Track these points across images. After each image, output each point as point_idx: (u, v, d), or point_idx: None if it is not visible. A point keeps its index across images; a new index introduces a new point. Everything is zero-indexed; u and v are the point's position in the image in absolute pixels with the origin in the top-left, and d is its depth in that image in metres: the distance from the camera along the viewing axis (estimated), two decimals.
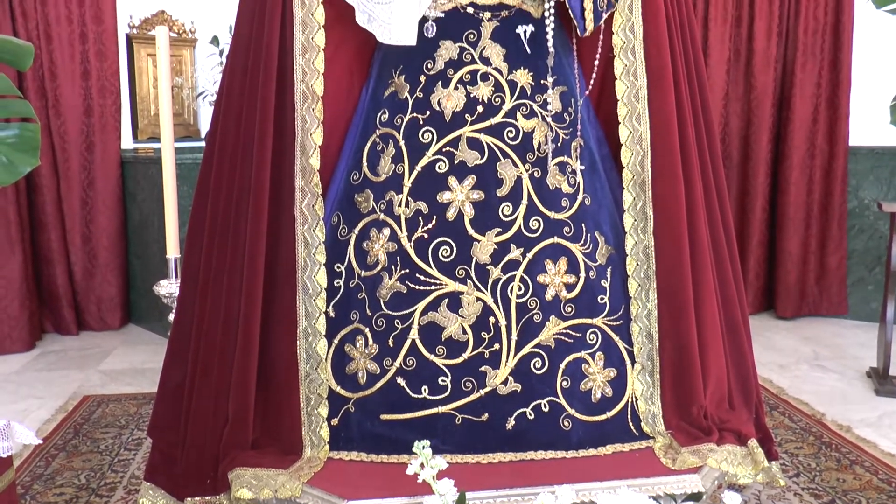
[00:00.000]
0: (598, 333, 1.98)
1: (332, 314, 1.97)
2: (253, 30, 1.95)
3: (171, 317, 2.32)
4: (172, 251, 2.63)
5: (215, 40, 4.30)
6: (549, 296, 1.93)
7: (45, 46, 4.07)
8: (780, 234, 4.46)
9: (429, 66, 1.95)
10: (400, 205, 1.92)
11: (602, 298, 2.00)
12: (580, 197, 1.99)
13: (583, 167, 2.00)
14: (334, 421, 1.91)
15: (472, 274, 1.89)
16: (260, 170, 1.90)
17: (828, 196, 4.39)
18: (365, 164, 1.99)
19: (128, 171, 4.36)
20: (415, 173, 1.92)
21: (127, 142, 4.44)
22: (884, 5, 1.77)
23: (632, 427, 1.96)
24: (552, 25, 1.93)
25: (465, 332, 1.89)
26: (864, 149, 4.33)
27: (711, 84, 4.43)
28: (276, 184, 1.93)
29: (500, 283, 1.90)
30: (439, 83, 1.93)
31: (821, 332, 4.30)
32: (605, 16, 1.96)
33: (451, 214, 1.90)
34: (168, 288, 2.61)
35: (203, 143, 4.26)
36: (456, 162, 1.91)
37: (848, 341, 4.13)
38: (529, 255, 1.91)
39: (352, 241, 1.98)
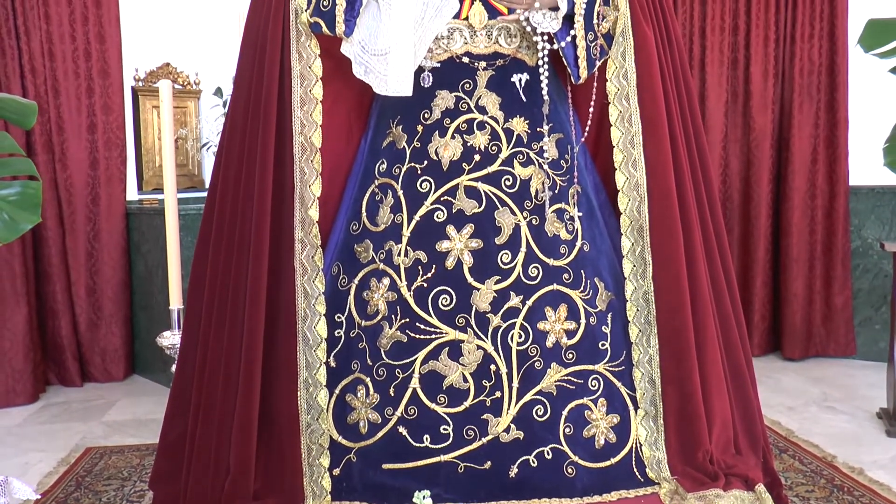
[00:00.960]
0: (600, 379, 1.98)
1: (332, 364, 1.97)
2: (252, 83, 1.99)
3: (174, 368, 2.33)
4: (175, 302, 2.64)
5: (219, 91, 4.37)
6: (549, 342, 1.93)
7: (53, 101, 4.14)
8: (785, 274, 4.45)
9: (426, 115, 1.98)
10: (399, 254, 1.93)
11: (603, 344, 2.00)
12: (579, 243, 2.00)
13: (580, 214, 2.01)
14: (336, 471, 1.90)
15: (472, 322, 1.90)
16: (260, 221, 1.92)
17: (830, 236, 4.39)
18: (364, 214, 2.01)
19: (133, 222, 4.39)
20: (413, 223, 1.93)
21: (132, 193, 4.48)
22: (872, 49, 1.79)
23: (637, 473, 1.94)
24: (547, 73, 1.96)
25: (466, 380, 1.88)
26: (864, 188, 4.34)
27: (710, 126, 4.46)
28: (275, 235, 1.95)
29: (501, 330, 1.90)
30: (436, 132, 1.96)
31: (829, 373, 4.26)
32: (598, 63, 1.99)
33: (450, 263, 1.91)
34: (171, 339, 2.61)
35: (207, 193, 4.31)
36: (454, 211, 1.92)
37: (857, 382, 4.09)
38: (529, 303, 1.92)
39: (352, 291, 1.99)
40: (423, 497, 1.46)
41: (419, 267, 1.92)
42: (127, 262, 4.42)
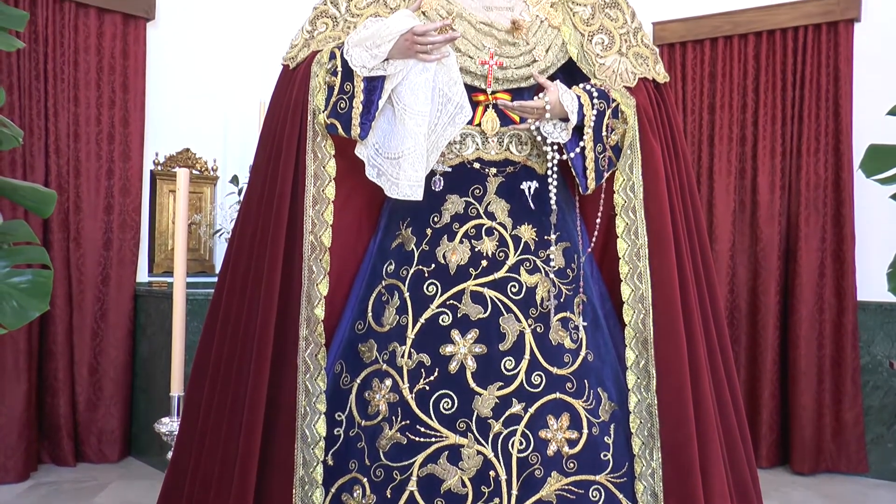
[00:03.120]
0: (602, 490, 1.94)
1: (330, 462, 1.94)
2: (267, 178, 2.04)
3: (171, 455, 2.30)
4: (176, 389, 2.63)
5: (235, 179, 4.46)
6: (550, 451, 1.90)
7: (73, 181, 4.23)
8: (793, 387, 4.39)
9: (435, 219, 2.01)
10: (403, 356, 1.93)
11: (605, 455, 1.96)
12: (583, 353, 1.99)
13: (585, 323, 2.01)
14: None
15: (473, 427, 1.87)
16: (265, 317, 1.93)
17: (839, 351, 4.35)
18: (370, 314, 2.02)
19: (140, 304, 4.41)
20: (418, 325, 1.94)
21: (142, 275, 4.52)
22: (873, 175, 1.83)
23: None
24: (555, 183, 2.00)
25: (464, 485, 1.85)
26: (872, 304, 4.33)
27: (718, 235, 4.50)
28: (280, 331, 1.96)
29: (502, 437, 1.88)
30: (445, 237, 1.99)
31: (842, 491, 4.14)
32: (606, 175, 2.03)
33: (453, 367, 1.90)
34: (169, 426, 2.59)
35: (217, 279, 4.34)
36: (459, 315, 1.93)
37: (870, 500, 3.98)
38: (531, 410, 1.90)
39: (353, 390, 1.98)
40: None
41: (422, 369, 1.91)
42: (131, 343, 4.42)
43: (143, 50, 4.48)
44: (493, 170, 2.04)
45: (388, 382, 1.93)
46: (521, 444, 1.88)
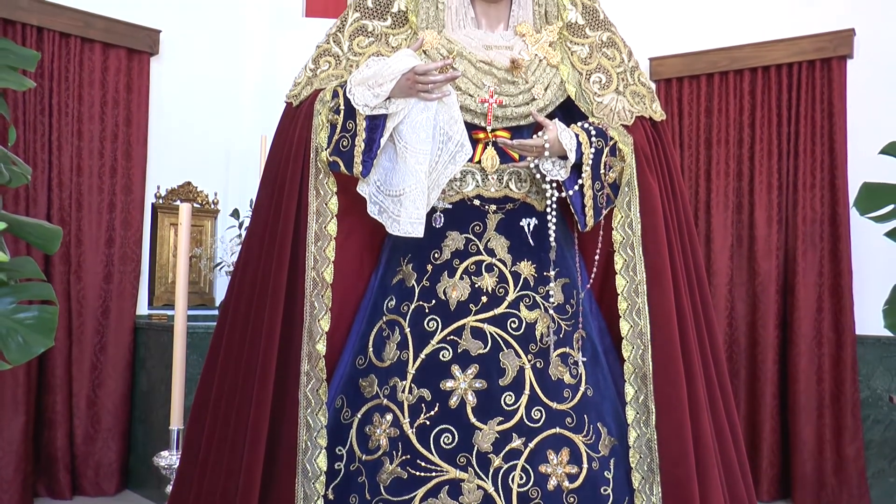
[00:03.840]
0: None
1: (331, 497, 1.94)
2: (270, 215, 2.06)
3: (169, 488, 2.29)
4: (176, 422, 2.63)
5: (236, 213, 4.49)
6: (550, 486, 1.90)
7: (76, 215, 4.25)
8: (793, 422, 4.38)
9: (436, 255, 2.03)
10: (403, 391, 1.94)
11: (605, 490, 1.97)
12: (582, 388, 2.00)
13: (585, 359, 2.03)
14: None
15: (474, 462, 1.88)
16: (267, 352, 1.95)
17: (839, 385, 4.34)
18: (371, 349, 2.03)
19: (140, 337, 4.41)
20: (419, 360, 1.95)
21: (142, 307, 4.53)
22: (867, 213, 1.85)
23: None
24: (554, 220, 2.03)
25: None
26: (871, 338, 4.33)
27: (716, 269, 4.52)
28: (282, 366, 1.97)
29: (502, 471, 1.88)
30: (445, 273, 2.01)
31: None
32: (604, 212, 2.05)
33: (453, 402, 1.91)
34: (168, 459, 2.58)
35: (217, 312, 4.35)
36: (459, 350, 1.94)
37: None
38: (531, 445, 1.90)
39: (354, 425, 1.98)
40: None
41: (423, 404, 1.92)
42: (130, 376, 4.41)
43: (146, 84, 4.53)
44: (493, 206, 2.07)
45: (389, 417, 1.93)
46: (521, 478, 1.88)
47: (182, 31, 4.68)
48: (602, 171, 2.01)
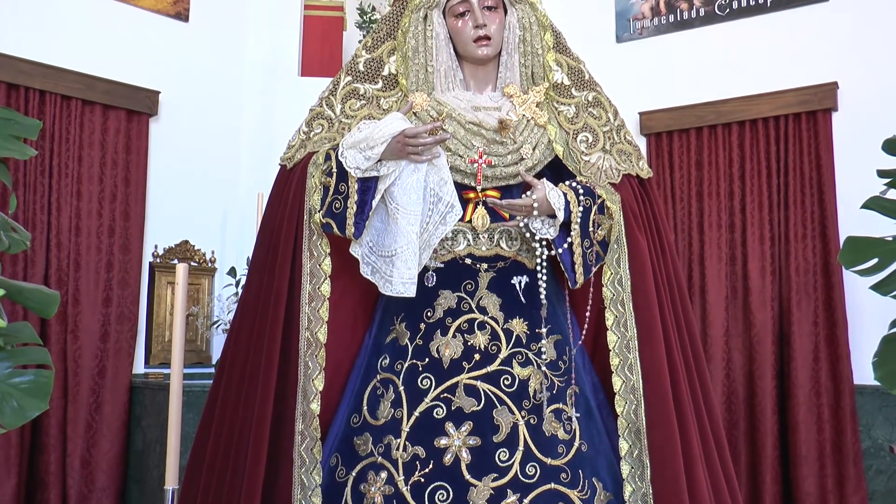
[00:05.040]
0: None
1: None
2: (264, 276, 2.09)
3: None
4: (171, 481, 2.62)
5: (232, 271, 4.51)
6: None
7: (73, 274, 4.27)
8: (795, 472, 4.34)
9: (428, 314, 2.06)
10: (398, 449, 1.94)
11: None
12: (577, 443, 2.00)
13: (578, 414, 2.03)
14: None
15: None
16: (262, 411, 1.96)
17: (839, 435, 4.31)
18: (365, 407, 2.04)
19: (136, 395, 4.39)
20: (413, 418, 1.96)
21: (138, 366, 4.52)
22: (852, 266, 1.88)
23: None
24: (545, 277, 2.05)
25: None
26: (869, 388, 4.31)
27: (711, 320, 4.53)
28: (276, 426, 1.98)
29: None
30: (438, 331, 2.02)
31: None
32: (594, 269, 2.08)
33: (448, 459, 1.91)
34: None
35: (213, 370, 4.34)
36: (453, 408, 1.95)
37: None
38: (526, 501, 1.90)
39: (349, 483, 1.98)
40: None
41: (417, 462, 1.92)
42: (125, 435, 4.38)
43: (145, 144, 4.60)
44: (485, 265, 2.10)
45: (384, 475, 1.93)
46: None
47: (180, 93, 4.78)
48: (591, 228, 2.05)
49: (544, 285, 2.04)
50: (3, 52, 4.03)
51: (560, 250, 2.03)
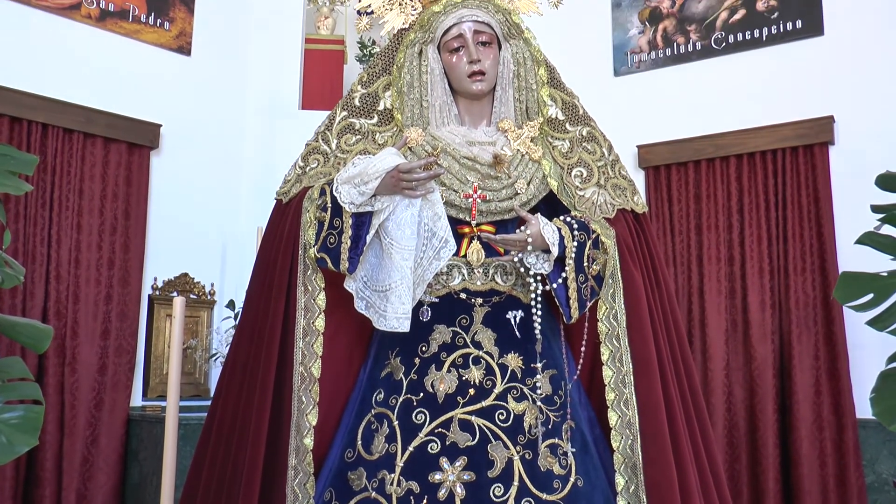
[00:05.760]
0: None
1: None
2: (259, 310, 2.09)
3: None
4: None
5: (231, 304, 4.51)
6: None
7: (72, 307, 4.26)
8: None
9: (423, 349, 2.05)
10: (392, 483, 1.92)
11: None
12: (572, 478, 1.98)
13: (574, 449, 2.02)
14: None
15: None
16: (255, 446, 1.95)
17: (842, 469, 4.27)
18: (359, 442, 2.03)
19: (132, 428, 4.37)
20: (407, 453, 1.94)
21: (136, 399, 4.50)
22: (847, 302, 1.88)
23: None
24: (539, 312, 2.05)
25: None
26: (872, 422, 4.27)
27: (712, 353, 4.51)
28: (269, 460, 1.97)
29: None
30: (433, 366, 2.02)
31: None
32: (589, 304, 2.07)
33: (442, 494, 1.89)
34: None
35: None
36: (448, 443, 1.94)
37: None
38: None
39: None
40: None
41: (411, 497, 1.91)
42: (122, 468, 4.35)
43: (146, 177, 4.62)
44: (480, 300, 2.09)
45: None
46: None
47: (182, 126, 4.82)
48: (585, 263, 2.04)
49: (539, 320, 2.04)
50: (7, 86, 4.08)
51: (555, 285, 2.03)
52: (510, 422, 1.97)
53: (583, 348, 2.07)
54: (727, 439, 4.52)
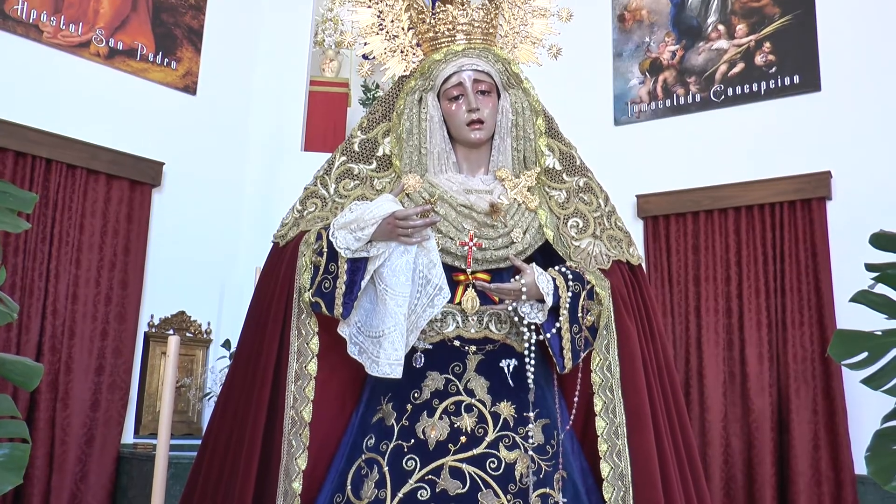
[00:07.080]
0: None
1: None
2: (252, 353, 2.09)
3: None
4: None
5: (227, 343, 4.50)
6: None
7: (67, 342, 4.25)
8: None
9: (415, 395, 2.04)
10: None
11: None
12: None
13: (565, 500, 1.99)
14: None
15: None
16: (243, 488, 1.93)
17: None
18: (349, 487, 2.00)
19: (123, 465, 4.33)
20: (396, 499, 1.92)
21: (128, 436, 4.46)
22: (842, 360, 1.86)
23: None
24: (533, 362, 2.04)
25: None
26: (871, 478, 4.22)
27: (709, 405, 4.48)
28: (258, 503, 1.94)
29: None
30: (425, 412, 2.00)
31: None
32: (583, 354, 2.06)
33: None
34: None
35: None
36: (438, 490, 1.92)
37: None
38: None
39: None
40: None
41: None
42: None
43: (147, 214, 4.65)
44: (473, 347, 2.09)
45: None
46: None
47: (184, 164, 4.86)
48: (579, 314, 2.04)
49: (532, 369, 2.03)
50: (12, 121, 4.12)
51: (548, 335, 2.02)
52: (501, 470, 1.94)
53: (575, 398, 2.06)
54: (724, 491, 4.47)
